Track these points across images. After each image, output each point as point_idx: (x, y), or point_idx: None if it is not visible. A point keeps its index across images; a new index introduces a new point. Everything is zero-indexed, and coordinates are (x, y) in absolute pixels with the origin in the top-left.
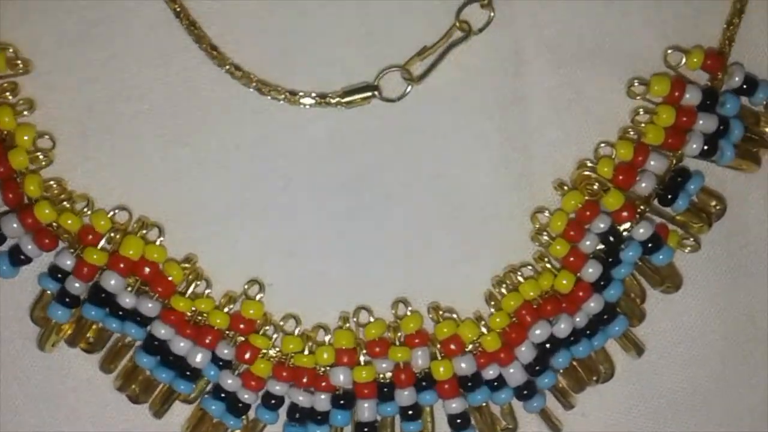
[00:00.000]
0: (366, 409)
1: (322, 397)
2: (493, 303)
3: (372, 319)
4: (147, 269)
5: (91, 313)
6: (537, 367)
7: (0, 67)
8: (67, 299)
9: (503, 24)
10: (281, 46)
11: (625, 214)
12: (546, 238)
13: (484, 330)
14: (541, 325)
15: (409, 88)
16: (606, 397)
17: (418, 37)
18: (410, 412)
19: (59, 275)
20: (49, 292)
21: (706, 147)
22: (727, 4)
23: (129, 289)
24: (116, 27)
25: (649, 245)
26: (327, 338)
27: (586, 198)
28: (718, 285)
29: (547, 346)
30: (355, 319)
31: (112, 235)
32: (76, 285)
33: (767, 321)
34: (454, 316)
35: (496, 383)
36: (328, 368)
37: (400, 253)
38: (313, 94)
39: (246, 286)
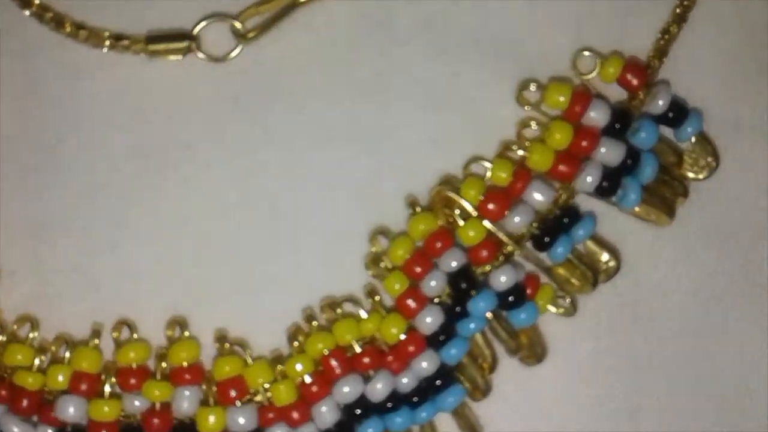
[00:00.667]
0: None
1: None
2: (296, 343)
3: (135, 338)
4: None
5: None
6: None
7: None
8: None
9: None
10: None
11: (484, 253)
12: (384, 268)
13: (279, 377)
14: (352, 381)
15: (239, 47)
16: None
17: None
18: None
19: None
20: None
21: (605, 183)
22: (666, 7)
23: None
24: None
25: (509, 298)
26: (68, 355)
27: (440, 224)
28: (592, 366)
29: (357, 410)
30: (114, 335)
31: None
32: None
33: (650, 421)
34: (245, 352)
35: None
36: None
37: (188, 258)
38: (107, 34)
39: None
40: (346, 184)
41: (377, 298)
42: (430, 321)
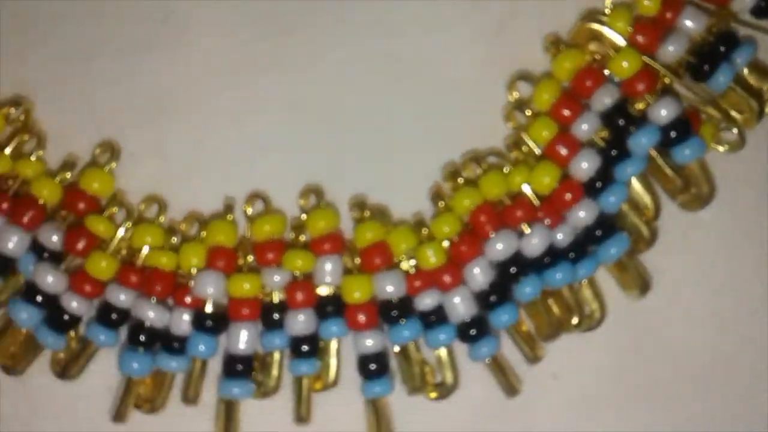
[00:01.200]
0: (242, 337)
1: (184, 316)
2: (441, 202)
3: (269, 210)
4: None
5: None
6: (492, 297)
7: None
8: None
9: None
10: None
11: (640, 86)
12: (527, 116)
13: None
14: (505, 237)
15: None
16: (589, 352)
17: None
18: (305, 347)
19: None
20: None
21: (763, 2)
22: None
23: None
24: None
25: (672, 133)
26: (202, 235)
27: (589, 61)
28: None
29: (512, 269)
30: (245, 209)
31: None
32: None
33: None
34: (385, 217)
35: (432, 316)
36: (195, 276)
37: (320, 124)
38: None
39: (97, 150)
40: (479, 27)
41: (523, 148)
42: (586, 166)
